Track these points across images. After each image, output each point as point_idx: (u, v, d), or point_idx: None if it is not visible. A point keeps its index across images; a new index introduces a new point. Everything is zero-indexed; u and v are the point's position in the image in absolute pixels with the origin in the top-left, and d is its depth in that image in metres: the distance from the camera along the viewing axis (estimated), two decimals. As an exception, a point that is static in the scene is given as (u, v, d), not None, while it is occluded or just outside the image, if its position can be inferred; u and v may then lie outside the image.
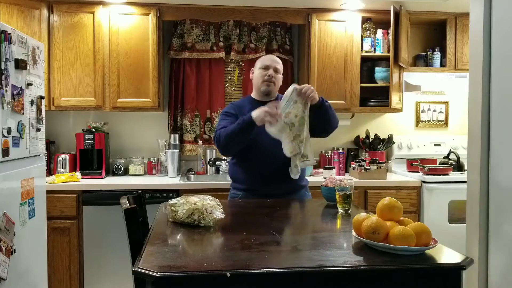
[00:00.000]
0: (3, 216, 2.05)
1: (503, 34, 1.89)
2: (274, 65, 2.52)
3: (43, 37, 3.20)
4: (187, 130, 3.68)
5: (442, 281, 1.28)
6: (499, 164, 1.91)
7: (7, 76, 2.08)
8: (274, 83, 2.51)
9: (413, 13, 3.58)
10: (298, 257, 1.36)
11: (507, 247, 1.86)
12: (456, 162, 3.56)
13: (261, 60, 2.59)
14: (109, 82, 3.33)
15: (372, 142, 3.81)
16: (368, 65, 3.64)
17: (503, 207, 1.89)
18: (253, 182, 2.42)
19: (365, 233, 1.38)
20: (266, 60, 2.56)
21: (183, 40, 3.62)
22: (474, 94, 2.05)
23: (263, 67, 2.51)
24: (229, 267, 1.21)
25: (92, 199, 3.06)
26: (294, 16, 3.52)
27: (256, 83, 2.54)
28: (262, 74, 2.50)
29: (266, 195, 2.35)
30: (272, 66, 2.51)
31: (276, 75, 2.52)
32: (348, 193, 1.93)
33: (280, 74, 2.56)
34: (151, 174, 3.58)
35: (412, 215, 3.22)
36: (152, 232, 1.63)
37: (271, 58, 2.59)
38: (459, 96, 3.93)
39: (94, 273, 3.09)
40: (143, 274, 1.17)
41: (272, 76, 2.49)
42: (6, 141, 2.08)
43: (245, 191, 2.44)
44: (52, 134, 3.55)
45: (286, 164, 2.31)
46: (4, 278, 2.04)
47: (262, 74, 2.50)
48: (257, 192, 2.39)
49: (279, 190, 2.38)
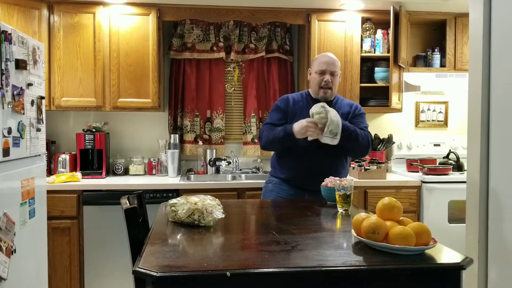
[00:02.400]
0: (4, 216, 2.06)
1: (503, 34, 1.89)
2: (330, 69, 2.48)
3: (44, 37, 3.20)
4: (187, 130, 3.68)
5: (441, 281, 1.28)
6: (499, 164, 1.92)
7: (7, 76, 2.08)
8: (331, 88, 2.49)
9: (413, 13, 3.58)
10: (298, 257, 1.36)
11: (506, 247, 1.87)
12: (456, 162, 3.56)
13: (318, 62, 2.53)
14: (109, 82, 3.34)
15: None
16: (368, 65, 3.64)
17: (502, 207, 1.89)
18: (292, 174, 2.46)
19: (365, 233, 1.38)
20: (322, 63, 2.50)
21: (183, 40, 3.62)
22: (473, 94, 2.05)
23: (319, 72, 2.48)
24: (229, 267, 1.22)
25: (93, 199, 3.06)
26: (294, 16, 3.53)
27: (313, 86, 2.54)
28: (319, 80, 2.48)
29: (300, 188, 2.44)
30: (328, 70, 2.47)
31: (334, 79, 2.50)
32: (348, 193, 1.94)
33: (337, 76, 2.53)
34: (151, 174, 3.58)
35: (412, 215, 3.22)
36: (152, 232, 1.64)
37: (327, 61, 2.51)
38: (459, 96, 3.93)
39: (95, 273, 3.09)
40: (143, 274, 1.17)
41: (329, 82, 2.47)
42: (6, 141, 2.08)
43: (282, 180, 2.50)
44: (52, 134, 3.55)
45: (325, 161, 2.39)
46: (5, 278, 2.04)
47: (319, 80, 2.48)
48: (292, 184, 2.46)
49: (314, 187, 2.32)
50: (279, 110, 2.55)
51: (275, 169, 2.59)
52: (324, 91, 2.49)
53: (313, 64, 2.57)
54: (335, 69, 2.51)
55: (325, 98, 2.50)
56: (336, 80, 2.54)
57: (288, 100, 2.57)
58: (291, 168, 2.49)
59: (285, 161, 2.52)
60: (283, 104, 2.56)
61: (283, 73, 3.77)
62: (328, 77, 2.47)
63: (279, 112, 2.54)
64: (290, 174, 2.49)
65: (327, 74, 2.47)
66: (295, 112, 2.51)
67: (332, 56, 2.57)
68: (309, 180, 2.40)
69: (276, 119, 2.52)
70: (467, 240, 2.09)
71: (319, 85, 2.49)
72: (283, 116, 2.52)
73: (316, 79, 2.50)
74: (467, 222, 2.10)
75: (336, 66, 2.52)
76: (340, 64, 2.58)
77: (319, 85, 2.49)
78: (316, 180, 2.30)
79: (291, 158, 2.48)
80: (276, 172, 2.57)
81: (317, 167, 2.41)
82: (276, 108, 2.57)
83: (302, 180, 2.46)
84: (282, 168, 2.53)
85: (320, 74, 2.49)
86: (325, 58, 2.55)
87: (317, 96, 2.53)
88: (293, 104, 2.54)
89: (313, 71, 2.55)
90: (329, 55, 2.59)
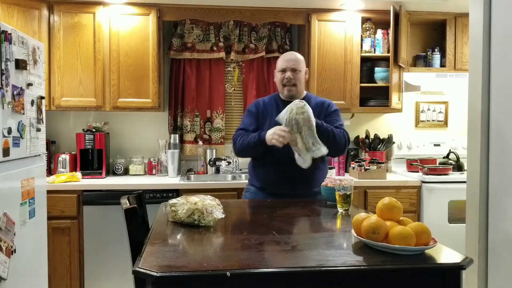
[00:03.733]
0: (4, 216, 2.06)
1: (503, 34, 1.89)
2: (291, 65, 2.43)
3: (44, 37, 3.20)
4: (187, 130, 3.68)
5: (441, 281, 1.28)
6: (499, 164, 1.92)
7: (7, 76, 2.08)
8: (295, 84, 2.43)
9: (413, 13, 3.58)
10: (298, 257, 1.36)
11: (507, 247, 1.87)
12: (456, 162, 3.56)
13: (279, 61, 2.51)
14: (109, 82, 3.34)
15: (372, 142, 3.81)
16: (368, 65, 3.64)
17: (502, 207, 1.89)
18: (267, 182, 2.42)
19: (365, 233, 1.38)
20: (282, 61, 2.47)
21: (183, 40, 3.62)
22: (473, 94, 2.05)
23: (280, 70, 2.45)
24: (229, 267, 1.22)
25: (93, 199, 3.06)
26: (294, 16, 3.53)
27: (278, 86, 2.50)
28: (280, 78, 2.45)
29: (278, 195, 2.35)
30: (289, 67, 2.42)
31: (296, 75, 2.43)
32: (348, 193, 1.94)
33: (300, 71, 2.46)
34: (151, 174, 3.58)
35: (412, 215, 3.22)
36: (152, 232, 1.64)
37: (288, 58, 2.47)
38: (459, 96, 3.93)
39: (95, 273, 3.09)
40: (143, 274, 1.17)
41: (291, 79, 2.41)
42: (6, 141, 2.08)
43: (258, 188, 2.44)
44: (52, 134, 3.55)
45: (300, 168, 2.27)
46: (5, 278, 2.04)
47: (280, 78, 2.45)
48: (269, 192, 2.39)
49: (291, 193, 2.33)
50: (250, 115, 2.50)
51: (251, 177, 2.53)
52: (288, 89, 2.43)
53: (277, 64, 2.52)
54: (296, 65, 2.43)
55: (290, 96, 2.43)
56: (300, 77, 2.45)
57: (259, 103, 2.53)
58: (266, 176, 2.43)
59: (260, 170, 2.47)
60: (254, 108, 2.52)
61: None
62: (289, 74, 2.41)
63: (251, 117, 2.49)
64: (265, 182, 2.43)
65: (288, 71, 2.42)
66: (265, 115, 2.47)
67: (294, 53, 2.53)
68: (285, 186, 2.36)
69: (248, 124, 2.47)
70: (467, 240, 2.09)
71: (281, 83, 2.45)
72: (255, 121, 2.47)
73: (278, 78, 2.46)
74: (467, 222, 2.10)
75: (298, 62, 2.45)
76: (303, 61, 2.50)
77: (282, 84, 2.45)
78: (292, 187, 2.30)
79: (266, 166, 2.42)
80: (253, 180, 2.51)
81: (292, 173, 2.33)
82: (248, 113, 2.53)
83: (278, 188, 2.39)
84: (257, 176, 2.48)
85: (281, 72, 2.44)
86: (286, 56, 2.51)
87: (283, 95, 2.48)
88: (263, 108, 2.49)
89: (276, 71, 2.50)
90: (290, 53, 2.56)
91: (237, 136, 2.45)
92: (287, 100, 2.43)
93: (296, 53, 2.55)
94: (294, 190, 2.36)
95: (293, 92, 2.44)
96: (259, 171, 2.47)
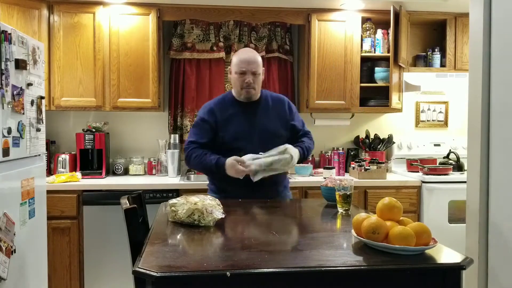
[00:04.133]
0: (3, 216, 2.05)
1: (503, 34, 1.89)
2: (251, 69, 2.30)
3: (43, 37, 3.20)
4: (187, 130, 3.68)
5: (442, 281, 1.28)
6: (499, 164, 1.92)
7: (7, 76, 2.08)
8: (254, 88, 2.33)
9: (413, 13, 3.58)
10: (298, 257, 1.36)
11: (507, 247, 1.86)
12: (456, 162, 3.56)
13: (238, 60, 2.34)
14: (109, 82, 3.34)
15: (372, 142, 3.81)
16: (368, 65, 3.64)
17: (503, 207, 1.89)
18: (233, 189, 2.29)
19: (365, 233, 1.38)
20: (242, 63, 2.32)
21: (183, 40, 3.62)
22: (474, 94, 2.05)
23: (240, 72, 2.31)
24: (229, 267, 1.21)
25: (92, 199, 3.06)
26: (294, 16, 3.53)
27: (235, 88, 2.37)
28: (240, 81, 2.32)
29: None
30: (249, 71, 2.30)
31: (256, 79, 2.33)
32: (348, 193, 1.93)
33: (260, 74, 2.34)
34: (151, 174, 3.58)
35: (412, 215, 3.22)
36: (152, 232, 1.63)
37: (248, 60, 2.32)
38: (459, 96, 3.93)
39: (94, 273, 3.09)
40: (143, 274, 1.17)
41: (251, 83, 2.31)
42: (6, 141, 2.08)
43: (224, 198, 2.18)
44: (52, 134, 3.55)
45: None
46: (4, 278, 2.04)
47: (240, 82, 2.32)
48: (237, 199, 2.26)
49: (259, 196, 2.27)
50: (203, 126, 2.35)
51: (214, 186, 2.42)
52: (247, 91, 2.32)
53: (233, 62, 2.36)
54: (256, 68, 2.32)
55: (248, 98, 2.36)
56: (259, 80, 2.35)
57: (213, 111, 2.36)
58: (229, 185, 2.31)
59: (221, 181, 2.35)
60: (209, 116, 2.35)
61: (283, 73, 3.77)
62: (249, 79, 2.30)
63: (203, 128, 2.34)
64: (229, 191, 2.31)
65: (248, 74, 2.30)
66: (226, 121, 2.34)
67: (253, 53, 2.39)
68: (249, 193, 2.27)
69: (199, 137, 2.33)
70: (467, 240, 2.09)
71: (240, 86, 2.33)
72: (208, 132, 2.33)
73: (237, 80, 2.33)
74: (467, 222, 2.10)
75: (258, 66, 2.33)
76: (261, 61, 2.38)
77: (241, 86, 2.33)
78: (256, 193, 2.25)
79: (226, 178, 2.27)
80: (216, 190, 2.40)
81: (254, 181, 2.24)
82: (201, 123, 2.36)
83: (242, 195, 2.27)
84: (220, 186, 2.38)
85: (240, 74, 2.31)
86: (244, 55, 2.36)
87: (240, 97, 2.38)
88: (221, 114, 2.35)
89: (233, 71, 2.36)
90: (249, 52, 2.40)
91: (190, 151, 2.32)
92: (244, 102, 2.38)
93: (255, 53, 2.41)
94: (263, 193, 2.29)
95: (251, 94, 2.35)
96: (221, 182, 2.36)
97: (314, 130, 3.85)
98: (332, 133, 3.91)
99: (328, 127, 3.87)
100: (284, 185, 2.47)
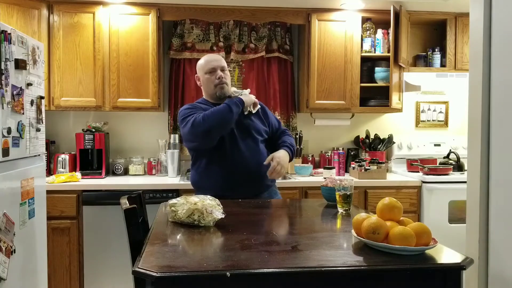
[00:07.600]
0: (3, 216, 2.05)
1: (503, 34, 1.89)
2: (219, 64, 2.42)
3: (43, 37, 3.20)
4: (187, 130, 3.67)
5: (442, 281, 1.28)
6: (499, 164, 1.91)
7: (7, 76, 2.08)
8: (226, 83, 2.41)
9: (413, 13, 3.58)
10: (298, 257, 1.36)
11: (507, 247, 1.86)
12: (456, 162, 3.56)
13: (204, 62, 2.44)
14: (109, 82, 3.33)
15: (372, 142, 3.81)
16: (368, 65, 3.64)
17: (503, 207, 1.89)
18: (222, 188, 2.30)
19: (365, 233, 1.38)
20: (210, 62, 2.42)
21: (183, 40, 3.62)
22: (474, 94, 2.05)
23: (209, 71, 2.40)
24: (229, 267, 1.21)
25: (92, 199, 3.06)
26: (294, 16, 3.52)
27: (208, 89, 2.44)
28: (211, 79, 2.40)
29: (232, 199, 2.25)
30: (218, 67, 2.40)
31: (226, 75, 2.42)
32: (348, 193, 1.93)
33: (227, 70, 2.45)
34: (151, 174, 3.58)
35: (412, 215, 3.22)
36: (152, 232, 1.63)
37: (214, 58, 2.45)
38: (459, 96, 3.93)
39: (94, 273, 3.09)
40: (143, 274, 1.17)
41: (222, 77, 2.39)
42: (6, 141, 2.08)
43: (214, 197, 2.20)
44: (52, 134, 3.55)
45: (256, 167, 2.32)
46: (4, 278, 2.04)
47: (212, 79, 2.40)
48: (227, 198, 2.20)
49: (249, 193, 2.30)
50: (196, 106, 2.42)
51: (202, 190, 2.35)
52: (221, 87, 2.39)
53: (200, 68, 2.46)
54: (224, 64, 2.44)
55: (222, 95, 2.40)
56: (228, 76, 2.45)
57: (195, 105, 2.45)
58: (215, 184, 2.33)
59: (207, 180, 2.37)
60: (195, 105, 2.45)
61: (283, 73, 3.77)
62: (220, 73, 2.38)
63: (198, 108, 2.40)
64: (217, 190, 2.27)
65: (218, 70, 2.39)
66: None
67: (217, 55, 2.53)
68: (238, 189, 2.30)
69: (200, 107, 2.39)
70: (467, 240, 2.09)
71: (213, 84, 2.39)
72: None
73: (209, 79, 2.41)
74: (467, 222, 2.10)
75: (224, 62, 2.45)
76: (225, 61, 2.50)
77: (214, 84, 2.39)
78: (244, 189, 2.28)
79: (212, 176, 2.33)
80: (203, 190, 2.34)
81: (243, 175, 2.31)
82: (192, 106, 2.43)
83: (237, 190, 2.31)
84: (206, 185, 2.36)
85: (211, 73, 2.40)
86: (210, 56, 2.49)
87: (214, 97, 2.43)
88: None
89: (202, 75, 2.44)
90: (213, 54, 2.56)
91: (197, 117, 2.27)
92: (218, 102, 2.40)
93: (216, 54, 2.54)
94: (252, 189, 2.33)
95: (225, 90, 2.40)
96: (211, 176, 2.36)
97: (314, 130, 3.88)
98: (332, 133, 3.91)
99: (328, 127, 3.87)
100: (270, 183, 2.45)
